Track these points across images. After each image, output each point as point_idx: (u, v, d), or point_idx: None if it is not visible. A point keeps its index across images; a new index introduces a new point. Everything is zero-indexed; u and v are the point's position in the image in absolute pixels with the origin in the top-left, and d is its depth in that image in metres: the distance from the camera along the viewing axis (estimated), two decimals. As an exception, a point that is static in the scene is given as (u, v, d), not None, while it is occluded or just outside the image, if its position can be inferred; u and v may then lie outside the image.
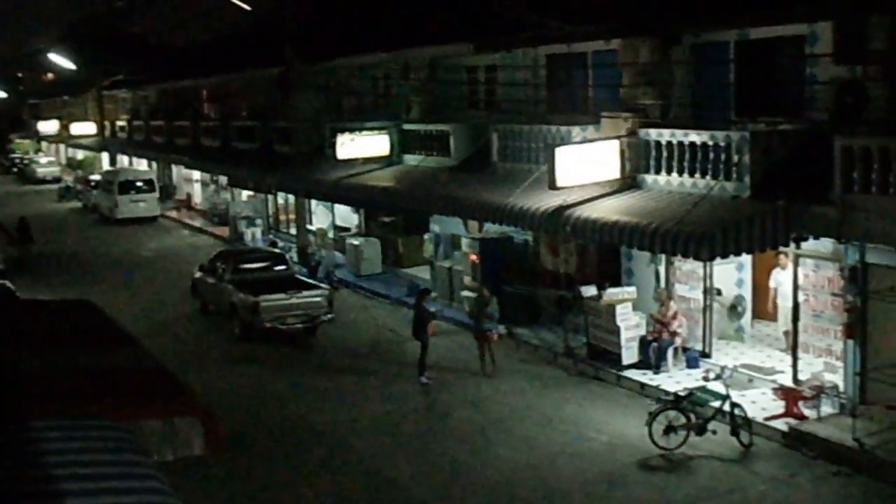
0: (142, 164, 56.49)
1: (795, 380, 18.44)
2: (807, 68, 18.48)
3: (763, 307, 21.93)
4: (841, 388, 17.45)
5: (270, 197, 40.42)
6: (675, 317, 20.59)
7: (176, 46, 54.29)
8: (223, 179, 44.26)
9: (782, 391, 17.97)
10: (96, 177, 55.15)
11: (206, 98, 50.67)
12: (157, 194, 49.13)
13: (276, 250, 30.70)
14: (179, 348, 24.35)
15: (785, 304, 19.99)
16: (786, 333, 20.15)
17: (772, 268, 20.46)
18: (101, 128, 62.40)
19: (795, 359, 18.67)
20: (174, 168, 53.66)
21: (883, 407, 16.65)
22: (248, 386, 21.51)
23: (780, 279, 20.17)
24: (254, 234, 38.59)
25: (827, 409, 17.32)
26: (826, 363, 18.16)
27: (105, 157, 60.74)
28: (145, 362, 10.48)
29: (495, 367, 21.39)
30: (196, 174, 50.13)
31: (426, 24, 28.69)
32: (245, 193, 42.26)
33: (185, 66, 49.80)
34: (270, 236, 38.57)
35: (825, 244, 17.59)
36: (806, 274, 18.54)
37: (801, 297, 18.62)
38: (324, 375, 22.07)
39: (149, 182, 49.27)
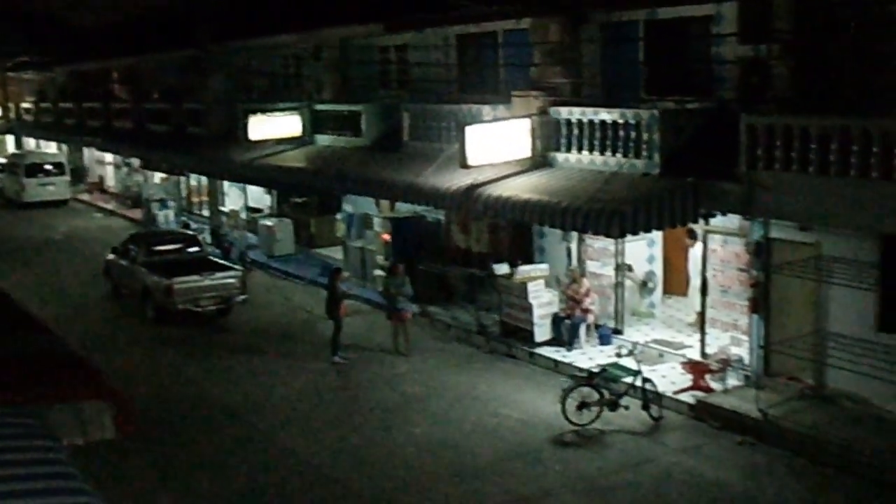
0: (50, 147, 54.72)
1: (703, 354, 18.51)
2: (714, 48, 18.48)
3: (673, 283, 22.01)
4: (746, 361, 17.60)
5: (183, 179, 39.73)
6: (587, 294, 20.50)
7: (84, 27, 52.67)
8: (136, 162, 43.24)
9: (690, 365, 18.04)
10: (1, 160, 53.28)
11: (118, 80, 49.35)
12: (67, 177, 47.60)
13: (190, 232, 30.01)
14: (91, 332, 23.62)
15: (696, 281, 20.06)
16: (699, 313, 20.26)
17: (686, 245, 20.53)
18: (5, 110, 60.37)
19: (703, 333, 18.71)
20: (85, 151, 52.20)
21: (785, 378, 16.85)
22: (162, 368, 20.94)
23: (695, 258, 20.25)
24: (167, 217, 37.75)
25: (733, 381, 17.43)
26: (732, 337, 18.25)
27: (10, 140, 58.84)
28: (53, 347, 9.98)
29: (409, 346, 21.12)
30: (108, 157, 48.81)
31: (337, 5, 28.24)
32: (158, 176, 41.33)
33: (95, 48, 48.41)
34: (184, 218, 37.80)
35: (732, 220, 17.65)
36: (714, 249, 18.56)
37: (709, 273, 18.64)
38: (238, 357, 21.60)
39: (58, 165, 47.77)
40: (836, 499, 13.75)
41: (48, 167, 47.30)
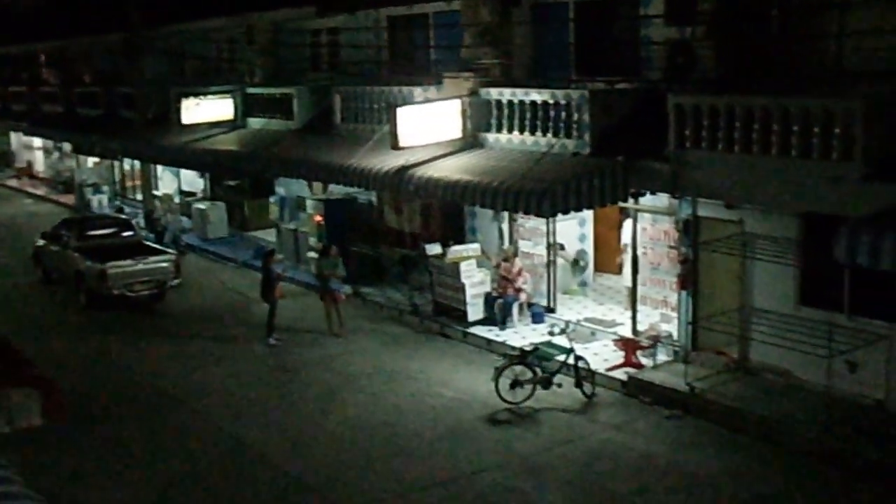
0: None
1: (634, 331, 18.61)
2: (642, 29, 18.52)
3: (605, 261, 22.12)
4: (675, 337, 17.73)
5: (117, 163, 39.04)
6: (519, 273, 20.50)
7: (5, 7, 51.13)
8: (67, 146, 42.34)
9: (622, 342, 18.13)
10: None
11: (45, 63, 48.14)
12: (-9, 163, 46.60)
13: (123, 216, 29.52)
14: (21, 319, 23.20)
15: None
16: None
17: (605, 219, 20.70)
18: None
19: (634, 311, 18.82)
20: (12, 135, 50.95)
21: (712, 352, 17.00)
22: (95, 354, 20.56)
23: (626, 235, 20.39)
24: (101, 201, 37.15)
25: (662, 357, 17.58)
26: (662, 314, 18.40)
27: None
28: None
29: (343, 327, 20.98)
30: (37, 141, 47.63)
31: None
32: (91, 160, 40.56)
33: (19, 30, 47.11)
34: (117, 203, 37.23)
35: (661, 199, 17.73)
36: (644, 228, 18.66)
37: (639, 251, 18.75)
38: (173, 341, 21.31)
39: None
40: (756, 468, 13.91)
41: None
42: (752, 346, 16.28)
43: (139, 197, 36.31)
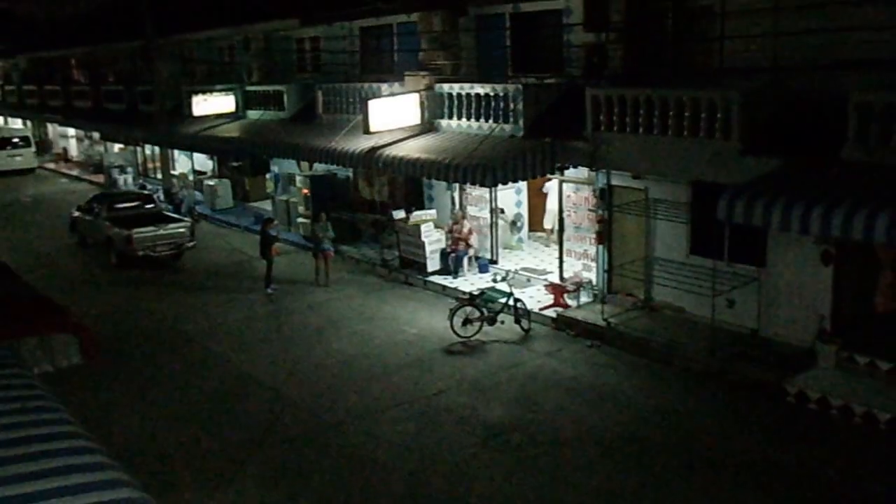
0: (16, 124, 52.02)
1: (561, 278, 18.70)
2: (565, 35, 18.47)
3: (537, 222, 22.18)
4: (595, 283, 17.83)
5: (139, 148, 38.36)
6: (469, 232, 20.50)
7: (41, 19, 49.93)
8: (96, 135, 41.60)
9: (551, 287, 18.16)
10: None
11: (76, 65, 47.09)
12: (33, 149, 45.19)
13: (145, 192, 29.14)
14: (63, 275, 22.87)
15: (551, 207, 20.60)
16: (548, 230, 21.00)
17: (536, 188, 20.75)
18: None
19: (561, 262, 18.91)
20: (49, 126, 49.90)
21: (623, 294, 17.15)
22: (125, 304, 20.31)
23: (547, 189, 20.69)
24: (126, 180, 36.50)
25: (585, 298, 17.67)
26: (584, 264, 18.48)
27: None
28: (21, 290, 9.59)
29: (328, 279, 20.94)
30: (70, 131, 46.63)
31: (262, 3, 27.49)
32: (117, 146, 39.84)
33: (55, 38, 46.11)
34: (140, 181, 36.64)
35: (582, 171, 17.76)
36: (568, 195, 18.71)
37: (565, 214, 18.82)
38: (189, 292, 21.12)
39: (24, 138, 45.24)
40: (657, 385, 14.12)
41: (15, 140, 44.87)
42: (654, 288, 16.46)
43: (159, 176, 35.84)
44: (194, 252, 24.37)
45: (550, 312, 17.41)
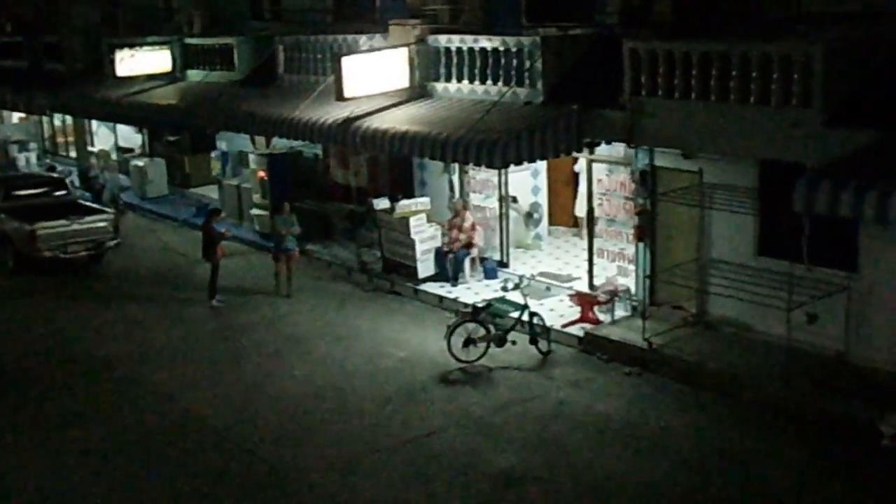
0: None
1: (591, 285, 18.65)
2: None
3: (559, 213, 22.14)
4: (633, 291, 17.78)
5: (45, 119, 38.16)
6: (472, 227, 20.44)
7: None
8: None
9: (578, 297, 18.17)
10: None
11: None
12: None
13: (55, 175, 29.03)
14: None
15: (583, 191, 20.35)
16: (580, 219, 20.94)
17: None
18: None
19: (591, 264, 18.85)
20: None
21: (670, 307, 17.10)
22: (28, 321, 20.18)
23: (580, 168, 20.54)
24: (28, 160, 36.29)
25: (620, 312, 17.64)
26: (619, 267, 18.44)
27: None
28: None
29: (291, 287, 20.86)
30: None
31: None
32: (16, 116, 39.63)
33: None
34: (48, 161, 36.49)
35: (617, 148, 17.72)
36: (600, 179, 18.65)
37: (595, 203, 18.76)
38: (112, 305, 21.02)
39: None
40: (716, 424, 14.04)
41: None
42: (710, 299, 16.37)
43: (73, 154, 35.74)
44: (118, 253, 24.27)
45: (576, 330, 17.34)
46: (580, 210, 20.84)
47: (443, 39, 19.46)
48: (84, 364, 17.55)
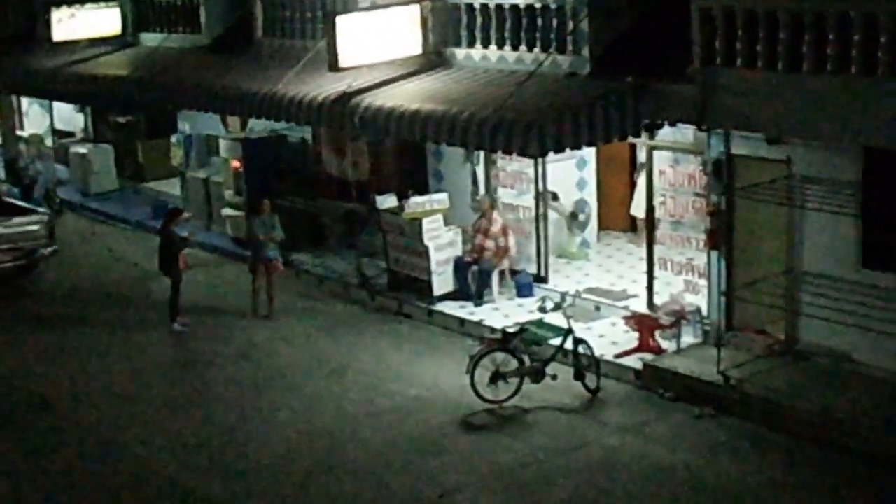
0: None
1: (651, 305, 18.69)
2: None
3: (612, 214, 22.15)
4: (704, 312, 17.78)
5: (-36, 95, 38.61)
6: (502, 232, 20.50)
7: None
8: None
9: (635, 320, 18.13)
10: None
11: None
12: None
13: (-26, 165, 29.42)
14: None
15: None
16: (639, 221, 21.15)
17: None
18: None
19: (651, 278, 18.91)
20: None
21: (752, 332, 17.09)
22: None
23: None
24: (-59, 146, 36.77)
25: (688, 338, 17.63)
26: (687, 282, 18.46)
27: None
28: None
29: (273, 306, 21.03)
30: None
31: None
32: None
33: None
34: (-33, 147, 36.88)
35: (684, 132, 17.74)
36: (663, 170, 18.70)
37: (657, 201, 18.82)
38: (46, 328, 21.29)
39: None
40: (808, 478, 14.08)
41: None
42: (801, 322, 16.40)
43: (-3, 139, 36.07)
44: (54, 263, 24.52)
45: (633, 361, 17.40)
46: (638, 209, 20.91)
47: (464, -7, 19.63)
48: (14, 403, 17.76)
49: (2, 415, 17.39)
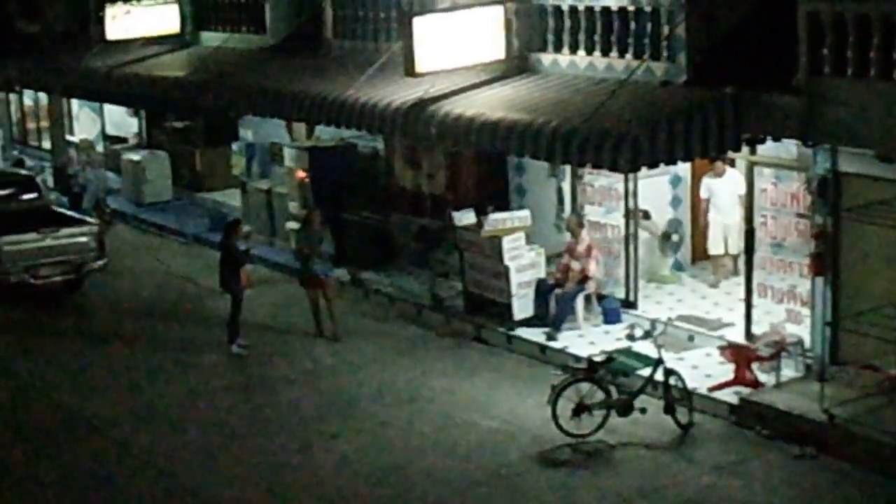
0: None
1: (749, 335, 18.63)
2: None
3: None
4: (807, 344, 17.69)
5: (13, 97, 39.05)
6: (587, 252, 20.54)
7: None
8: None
9: (731, 351, 18.04)
10: None
11: None
12: None
13: (23, 172, 29.75)
14: None
15: (724, 221, 20.65)
16: (716, 259, 21.19)
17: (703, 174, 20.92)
18: None
19: (749, 306, 18.86)
20: None
21: (859, 367, 16.93)
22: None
23: (715, 188, 20.63)
24: (-10, 151, 37.41)
25: (789, 372, 17.58)
26: (788, 311, 18.39)
27: None
28: None
29: (337, 327, 21.16)
30: None
31: None
32: (-27, 93, 40.79)
33: None
34: (15, 153, 37.34)
35: (788, 147, 17.72)
36: (764, 189, 18.67)
37: (757, 222, 18.78)
38: (94, 346, 21.52)
39: None
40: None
41: None
42: (917, 357, 16.36)
43: (46, 145, 36.39)
44: (105, 277, 24.79)
45: (729, 395, 17.36)
46: (716, 245, 20.94)
47: (551, -6, 19.73)
48: (64, 426, 17.96)
49: (44, 435, 17.59)
